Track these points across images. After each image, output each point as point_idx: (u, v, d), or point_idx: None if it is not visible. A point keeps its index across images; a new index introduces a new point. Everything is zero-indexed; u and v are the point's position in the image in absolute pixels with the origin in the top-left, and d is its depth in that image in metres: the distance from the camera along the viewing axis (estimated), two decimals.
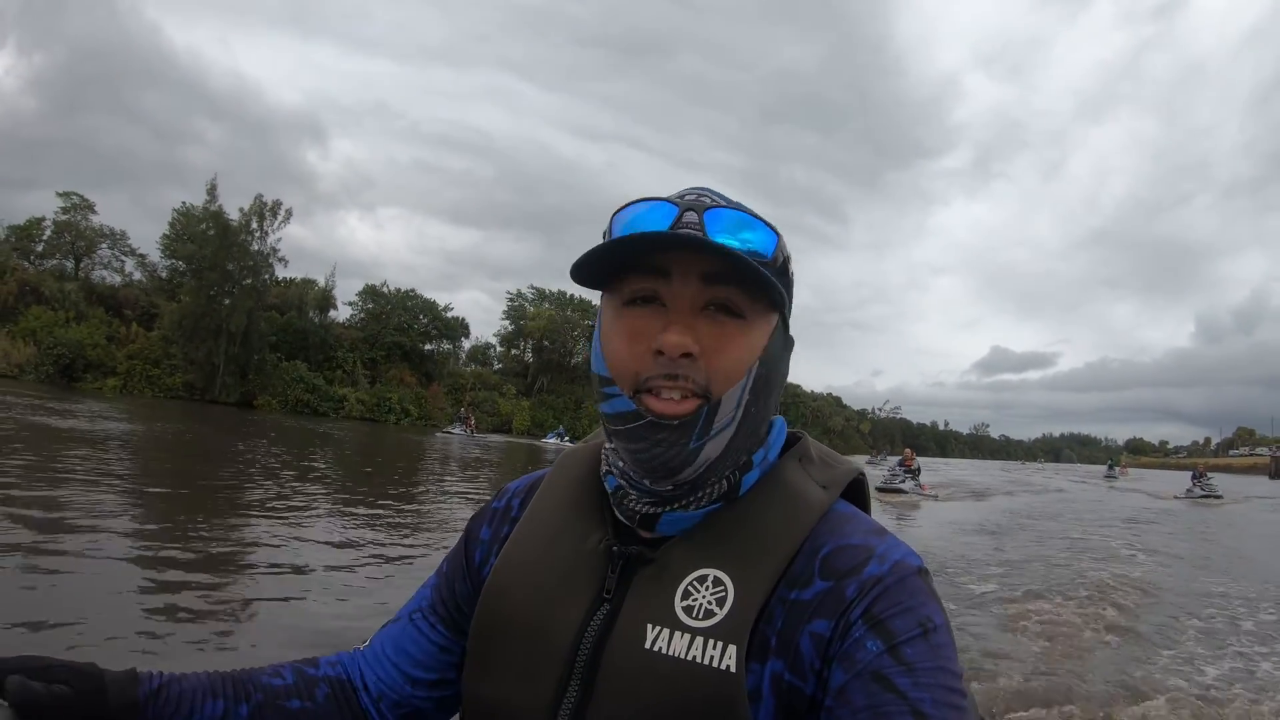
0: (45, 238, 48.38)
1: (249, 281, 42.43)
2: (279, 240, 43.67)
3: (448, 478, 15.79)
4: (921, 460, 22.39)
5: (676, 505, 0.66)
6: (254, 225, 42.57)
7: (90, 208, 49.53)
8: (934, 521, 13.79)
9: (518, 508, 0.78)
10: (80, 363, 39.10)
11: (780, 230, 0.66)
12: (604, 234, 0.68)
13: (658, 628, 0.61)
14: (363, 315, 53.37)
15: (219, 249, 40.62)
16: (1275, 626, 6.25)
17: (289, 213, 43.96)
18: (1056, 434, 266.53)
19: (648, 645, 0.60)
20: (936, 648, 0.56)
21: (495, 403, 54.07)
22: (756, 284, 0.61)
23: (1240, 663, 5.12)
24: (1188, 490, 26.83)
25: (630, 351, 0.63)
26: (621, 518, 0.69)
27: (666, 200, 0.65)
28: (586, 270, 0.64)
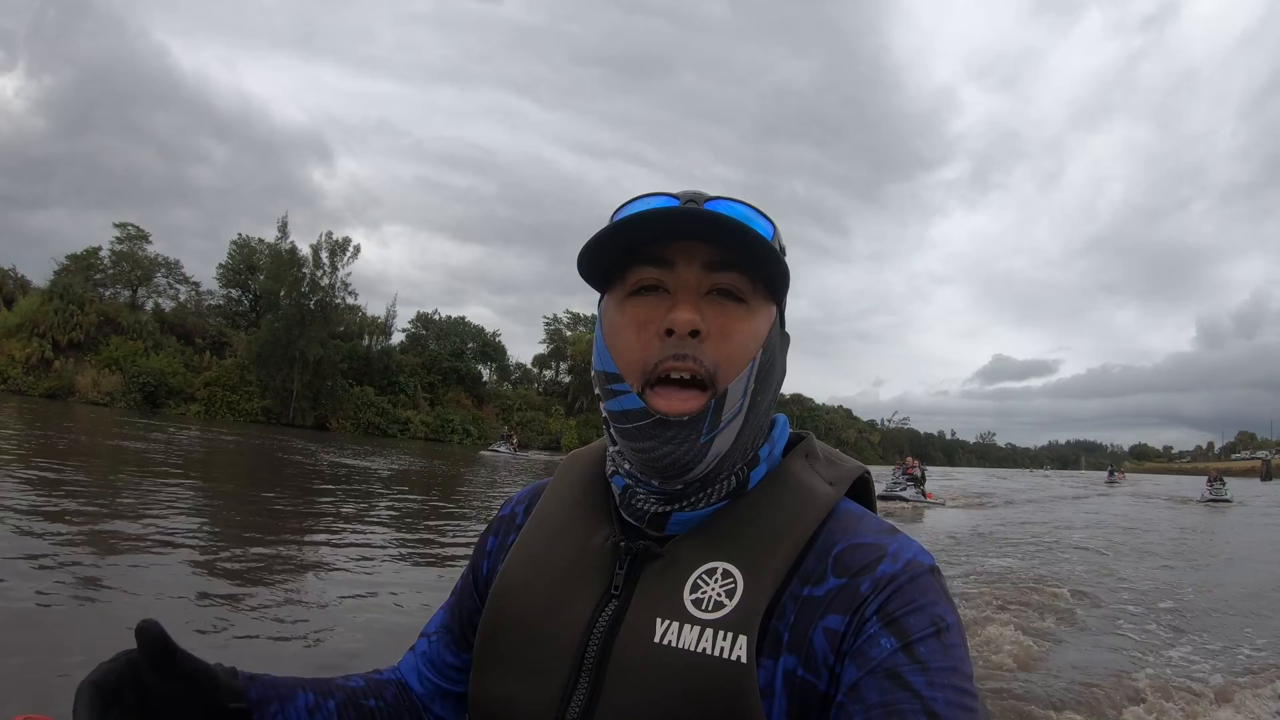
0: (103, 267, 50.68)
1: (320, 310, 45.33)
2: (349, 275, 46.94)
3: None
4: (931, 470, 22.01)
5: (685, 504, 0.66)
6: (324, 259, 45.72)
7: (145, 237, 51.88)
8: (933, 529, 14.15)
9: (522, 514, 0.79)
10: (163, 390, 41.67)
11: (778, 224, 0.67)
12: None
13: (667, 621, 0.60)
14: (405, 340, 56.21)
15: (293, 283, 43.70)
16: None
17: (357, 249, 47.34)
18: (1062, 441, 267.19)
19: (657, 639, 0.60)
20: (949, 647, 0.56)
21: (544, 422, 56.94)
22: (761, 264, 0.63)
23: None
24: (1203, 495, 29.36)
25: (639, 338, 0.63)
26: (629, 519, 0.68)
27: (667, 194, 0.65)
28: (593, 260, 0.65)
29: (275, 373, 42.79)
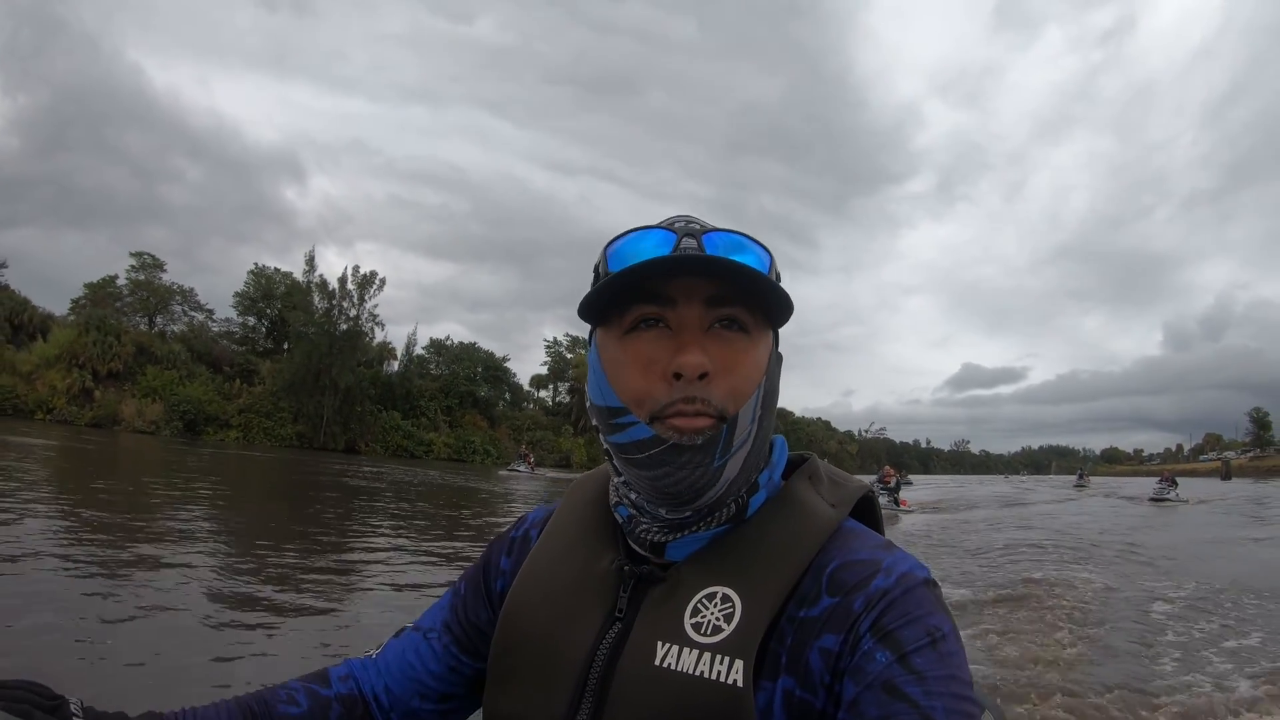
0: (121, 296, 52.29)
1: (348, 339, 48.59)
2: (375, 306, 50.56)
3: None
4: (914, 478, 22.55)
5: (687, 531, 0.67)
6: (351, 290, 49.19)
7: (160, 266, 53.77)
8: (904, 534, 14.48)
9: (536, 536, 0.80)
10: (201, 417, 44.34)
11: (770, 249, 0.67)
12: (595, 266, 0.68)
13: (667, 644, 0.62)
14: (415, 364, 59.33)
15: (318, 315, 46.96)
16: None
17: (383, 281, 51.01)
18: (1035, 446, 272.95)
19: (657, 662, 0.61)
20: (945, 656, 0.56)
21: (554, 441, 60.50)
22: (764, 298, 0.63)
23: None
24: (1151, 494, 31.05)
25: (644, 377, 0.63)
26: (635, 546, 0.70)
27: (660, 228, 0.66)
28: (593, 303, 0.65)
29: (307, 399, 45.86)
